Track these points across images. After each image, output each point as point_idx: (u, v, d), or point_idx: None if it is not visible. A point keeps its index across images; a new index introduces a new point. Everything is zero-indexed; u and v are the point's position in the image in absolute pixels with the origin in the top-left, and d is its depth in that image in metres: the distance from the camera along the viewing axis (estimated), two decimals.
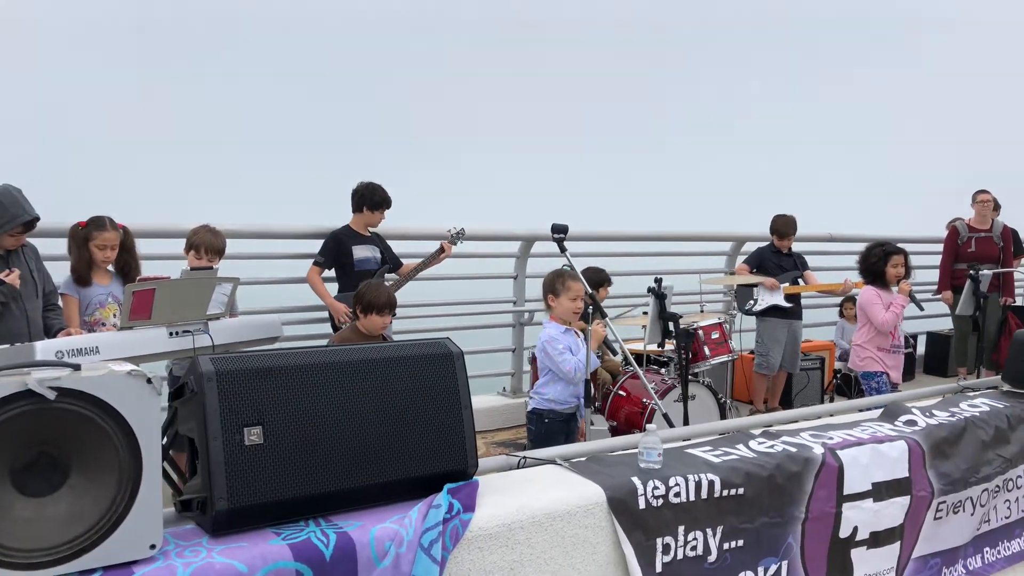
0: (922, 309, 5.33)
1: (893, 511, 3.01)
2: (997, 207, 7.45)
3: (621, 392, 5.14)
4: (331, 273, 5.20)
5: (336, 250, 5.08)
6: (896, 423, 3.28)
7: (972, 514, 3.32)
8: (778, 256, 6.49)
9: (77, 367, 1.73)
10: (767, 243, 6.61)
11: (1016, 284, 8.11)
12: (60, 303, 3.94)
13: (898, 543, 3.05)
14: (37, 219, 3.57)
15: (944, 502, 3.18)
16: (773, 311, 6.36)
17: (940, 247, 7.50)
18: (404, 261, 5.38)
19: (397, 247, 5.43)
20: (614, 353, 5.47)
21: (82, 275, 4.02)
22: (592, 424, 4.51)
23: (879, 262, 4.91)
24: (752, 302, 6.40)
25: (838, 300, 7.76)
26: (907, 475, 3.04)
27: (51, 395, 1.65)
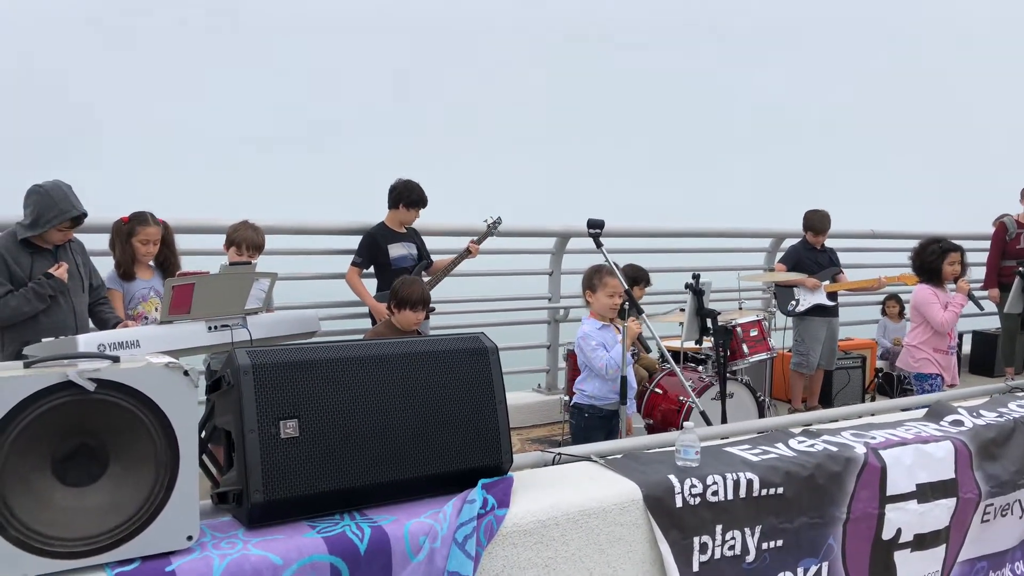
0: (982, 309, 5.17)
1: (938, 513, 2.93)
2: None
3: (657, 390, 5.09)
4: (370, 271, 5.23)
5: (372, 249, 5.10)
6: (942, 423, 3.19)
7: (1020, 517, 3.22)
8: (813, 253, 6.38)
9: (116, 359, 1.75)
10: (799, 240, 6.50)
11: None
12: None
13: (943, 546, 2.97)
14: (85, 215, 3.62)
15: (992, 504, 3.09)
16: (813, 310, 6.26)
17: (987, 243, 7.31)
18: (437, 256, 5.39)
19: (433, 242, 5.44)
20: (647, 350, 5.42)
21: (127, 270, 4.09)
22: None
23: (936, 259, 4.76)
24: (795, 303, 6.29)
25: (880, 298, 7.62)
26: (953, 476, 2.96)
27: (91, 386, 1.67)
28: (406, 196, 5.11)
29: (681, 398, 4.87)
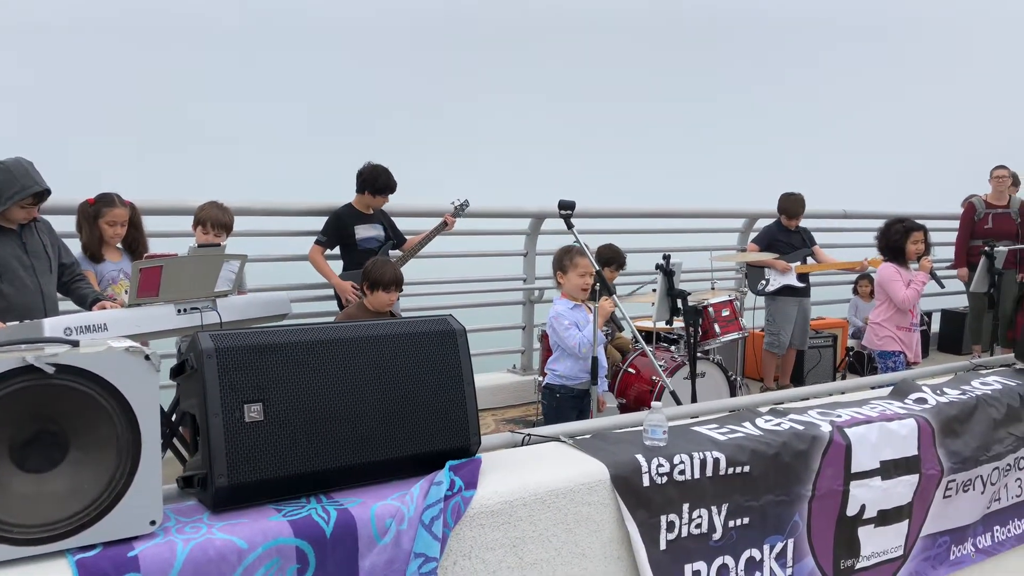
0: (943, 287, 5.26)
1: (901, 489, 2.99)
2: (1016, 183, 7.35)
3: (631, 370, 5.12)
4: (336, 252, 5.21)
5: (338, 229, 5.09)
6: (906, 401, 3.25)
7: (982, 492, 3.29)
8: (787, 234, 6.44)
9: (76, 343, 1.73)
10: (774, 221, 6.56)
11: None
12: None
13: (906, 521, 3.03)
14: (48, 191, 3.54)
15: (954, 480, 3.15)
16: (785, 290, 6.32)
17: (956, 223, 7.41)
18: (409, 237, 5.38)
19: (402, 224, 5.42)
20: (620, 329, 5.45)
21: (94, 252, 4.04)
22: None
23: (900, 238, 4.84)
24: (764, 282, 6.36)
25: (851, 277, 7.70)
26: (916, 453, 3.02)
27: (49, 370, 1.65)
28: (371, 184, 5.08)
29: (654, 378, 4.90)
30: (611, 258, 5.28)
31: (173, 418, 2.81)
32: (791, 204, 6.38)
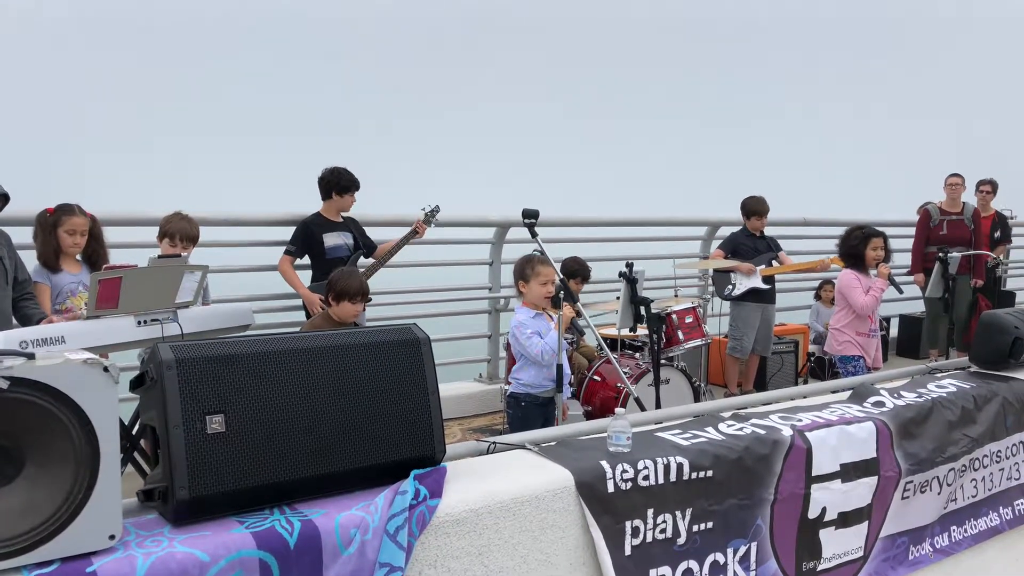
0: (901, 292, 5.37)
1: (861, 491, 3.04)
2: (995, 190, 7.62)
3: (596, 377, 5.15)
4: (305, 261, 5.18)
5: (306, 238, 5.06)
6: (864, 404, 3.31)
7: (939, 493, 3.36)
8: (752, 239, 6.53)
9: (32, 356, 1.70)
10: (739, 228, 6.64)
11: (1013, 267, 8.30)
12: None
13: (866, 523, 3.08)
14: (5, 196, 3.46)
15: (911, 482, 3.22)
16: (749, 295, 6.40)
17: (912, 230, 7.58)
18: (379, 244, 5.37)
19: (372, 233, 5.41)
20: (580, 333, 5.48)
21: (49, 262, 3.97)
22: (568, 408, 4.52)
23: (859, 244, 4.92)
24: (731, 287, 6.44)
25: (814, 284, 7.82)
26: (875, 456, 3.07)
27: (3, 384, 1.62)
28: (336, 183, 5.09)
29: (619, 385, 4.93)
30: (576, 270, 5.32)
31: (134, 431, 2.77)
32: (757, 204, 6.46)
